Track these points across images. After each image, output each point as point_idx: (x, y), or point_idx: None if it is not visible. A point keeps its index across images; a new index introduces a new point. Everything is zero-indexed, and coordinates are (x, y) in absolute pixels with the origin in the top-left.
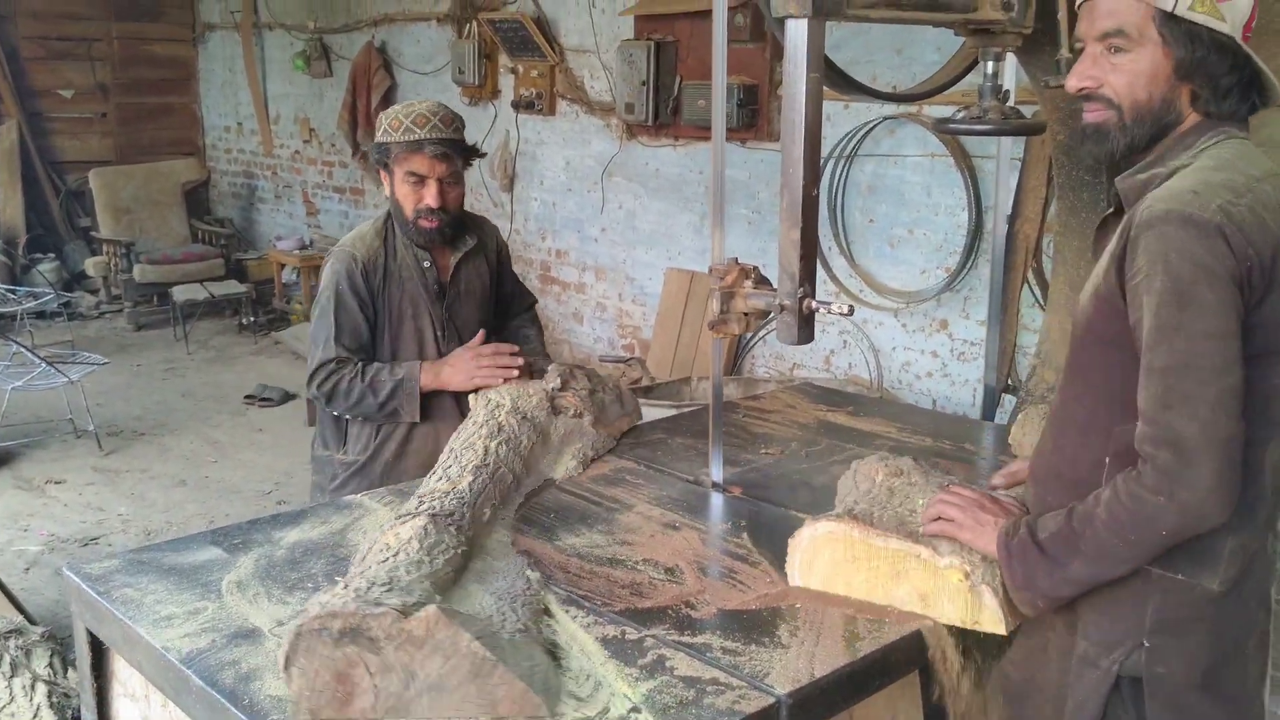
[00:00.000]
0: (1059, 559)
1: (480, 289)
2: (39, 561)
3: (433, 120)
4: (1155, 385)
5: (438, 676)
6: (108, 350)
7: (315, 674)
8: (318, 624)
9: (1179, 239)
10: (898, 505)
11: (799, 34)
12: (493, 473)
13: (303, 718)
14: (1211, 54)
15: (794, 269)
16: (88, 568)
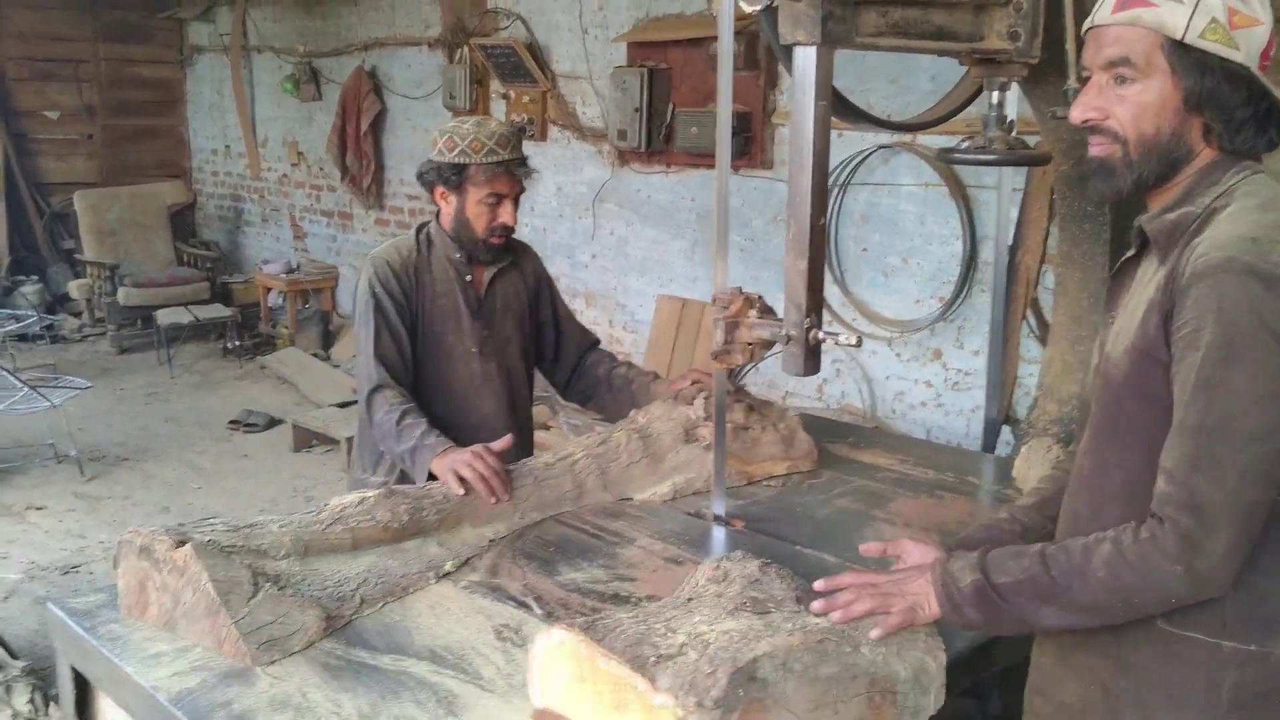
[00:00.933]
0: (1027, 607)
1: (518, 306)
2: (18, 590)
3: (513, 141)
4: (1186, 444)
5: (190, 604)
6: (90, 374)
7: (128, 578)
8: (129, 537)
9: (1237, 290)
10: (666, 619)
11: (807, 62)
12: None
13: (122, 612)
14: (1224, 85)
15: (801, 299)
16: (73, 602)
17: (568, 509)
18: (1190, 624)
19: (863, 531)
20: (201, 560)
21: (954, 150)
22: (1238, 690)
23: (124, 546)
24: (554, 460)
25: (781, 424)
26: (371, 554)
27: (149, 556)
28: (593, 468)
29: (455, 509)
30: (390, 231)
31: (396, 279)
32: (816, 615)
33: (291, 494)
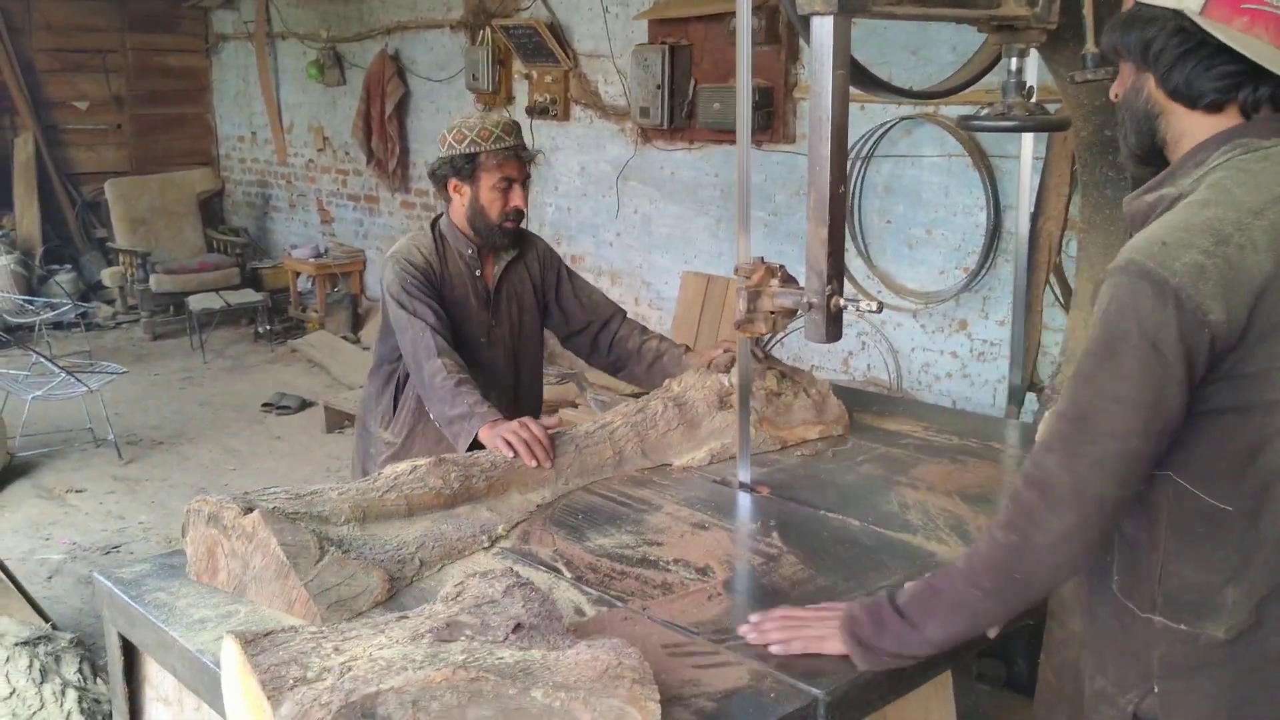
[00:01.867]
0: (915, 621)
1: (526, 296)
2: (61, 570)
3: (516, 129)
4: (1053, 428)
5: (260, 568)
6: (125, 360)
7: (197, 544)
8: (197, 505)
9: (1127, 292)
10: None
11: (825, 31)
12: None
13: (191, 576)
14: (1144, 29)
15: (822, 266)
16: (119, 572)
17: (608, 475)
18: (1130, 595)
19: (887, 495)
20: (269, 525)
21: (973, 118)
22: (1167, 660)
23: (192, 514)
24: (594, 428)
25: (813, 389)
26: (426, 519)
27: (217, 523)
28: (631, 435)
29: (503, 475)
30: (416, 214)
31: (424, 272)
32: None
33: (325, 474)
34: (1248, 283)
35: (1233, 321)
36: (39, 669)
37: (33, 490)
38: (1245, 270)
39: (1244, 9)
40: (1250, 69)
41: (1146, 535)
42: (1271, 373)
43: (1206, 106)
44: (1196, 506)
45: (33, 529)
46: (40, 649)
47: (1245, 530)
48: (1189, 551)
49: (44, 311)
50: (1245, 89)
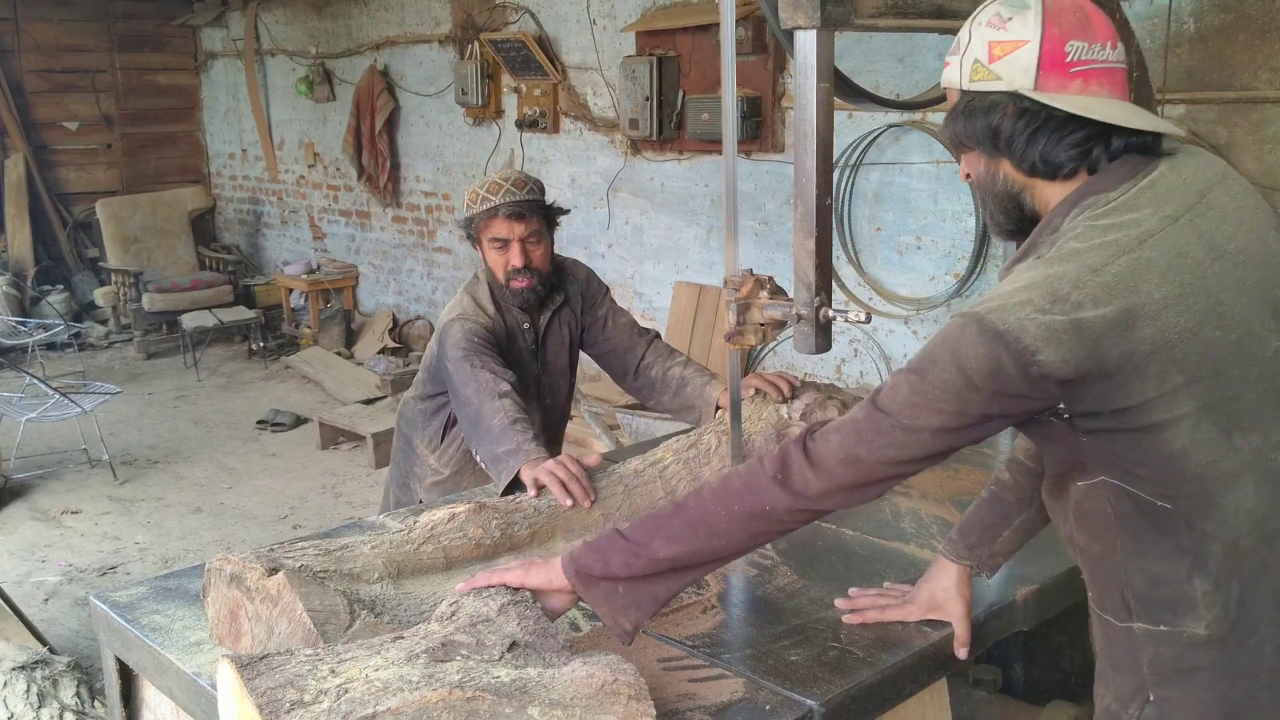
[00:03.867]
0: (640, 540)
1: (570, 338)
2: (58, 592)
3: (504, 186)
4: (848, 417)
5: (285, 635)
6: (119, 380)
7: (218, 607)
8: (218, 564)
9: (957, 330)
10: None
11: (808, 45)
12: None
13: (214, 640)
14: (987, 115)
15: (810, 278)
16: (115, 595)
17: None
18: (1105, 607)
19: (879, 504)
20: (296, 589)
21: None
22: (1155, 666)
23: (213, 574)
24: (643, 466)
25: None
26: (465, 572)
27: (240, 585)
28: (683, 473)
29: (546, 521)
30: (408, 229)
31: (491, 331)
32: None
33: (320, 490)
34: (1087, 330)
35: (1068, 361)
36: (37, 693)
37: (28, 512)
38: (1082, 322)
39: (1074, 73)
40: (1100, 128)
41: (1100, 544)
42: (1150, 403)
43: (1070, 175)
44: (1136, 504)
45: (28, 551)
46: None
47: (1192, 526)
48: (1145, 547)
49: (37, 332)
50: (1098, 148)
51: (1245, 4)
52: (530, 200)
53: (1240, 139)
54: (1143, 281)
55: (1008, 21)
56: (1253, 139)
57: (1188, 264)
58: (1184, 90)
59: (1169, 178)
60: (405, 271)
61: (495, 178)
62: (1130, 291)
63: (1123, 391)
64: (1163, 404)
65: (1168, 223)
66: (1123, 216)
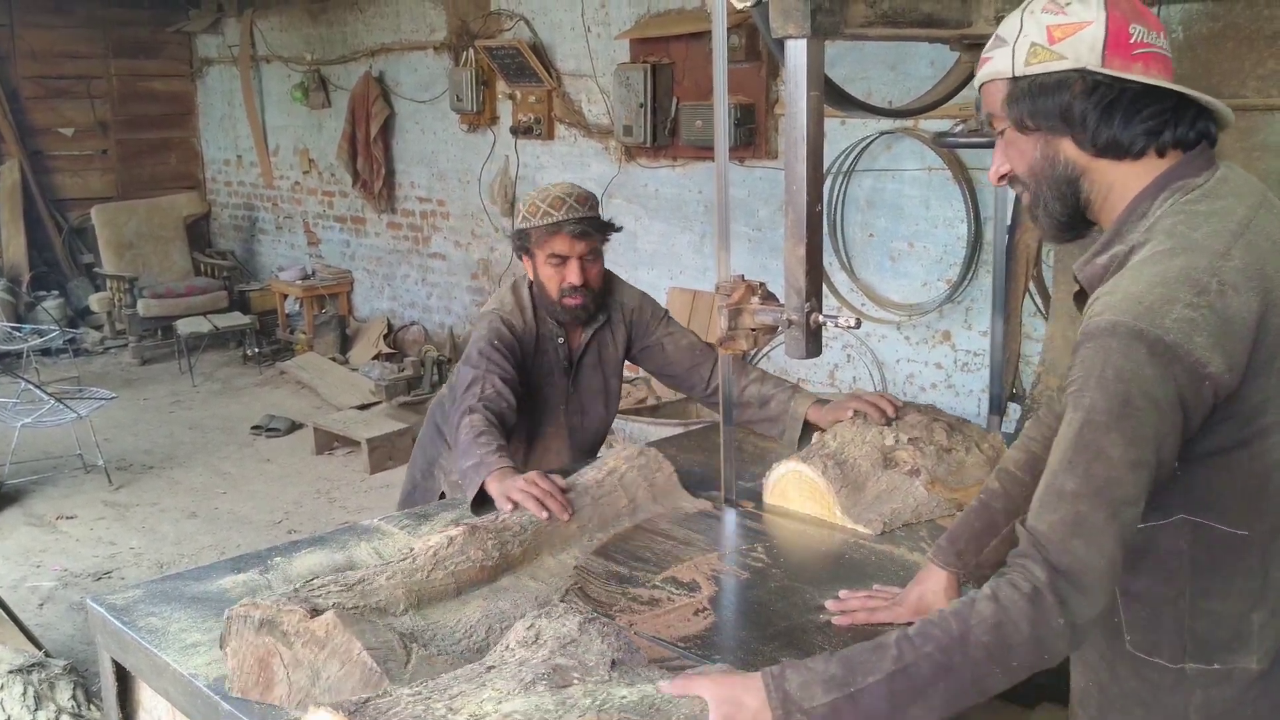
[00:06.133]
0: (894, 707)
1: (612, 359)
2: (53, 597)
3: (568, 201)
4: (1065, 510)
5: (337, 679)
6: (114, 385)
7: (243, 657)
8: (243, 610)
9: (1120, 356)
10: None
11: (798, 54)
12: (603, 494)
13: (235, 693)
14: (1055, 94)
15: (800, 284)
16: (111, 598)
17: (626, 524)
18: (1155, 650)
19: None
20: (349, 628)
21: (948, 134)
22: (1206, 708)
23: (236, 621)
24: (601, 477)
25: (985, 444)
26: (477, 597)
27: (274, 630)
28: (640, 480)
29: (533, 539)
30: (403, 235)
31: (517, 340)
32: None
33: (315, 495)
34: (1241, 326)
35: (1234, 369)
36: (33, 696)
37: (23, 517)
38: (1233, 315)
39: (1136, 54)
40: (1170, 107)
41: (1164, 587)
42: (1266, 402)
43: (1139, 153)
44: (1215, 539)
45: (24, 556)
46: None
47: (1266, 549)
48: (1215, 587)
49: (32, 338)
50: (1169, 129)
51: (1233, 12)
52: (592, 218)
53: (1228, 146)
54: (1265, 265)
55: (1066, 6)
56: (1241, 146)
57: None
58: None
59: (1233, 176)
60: (400, 278)
61: (558, 192)
62: (1260, 276)
63: (1252, 388)
64: (1274, 404)
65: (1254, 210)
66: (1215, 204)
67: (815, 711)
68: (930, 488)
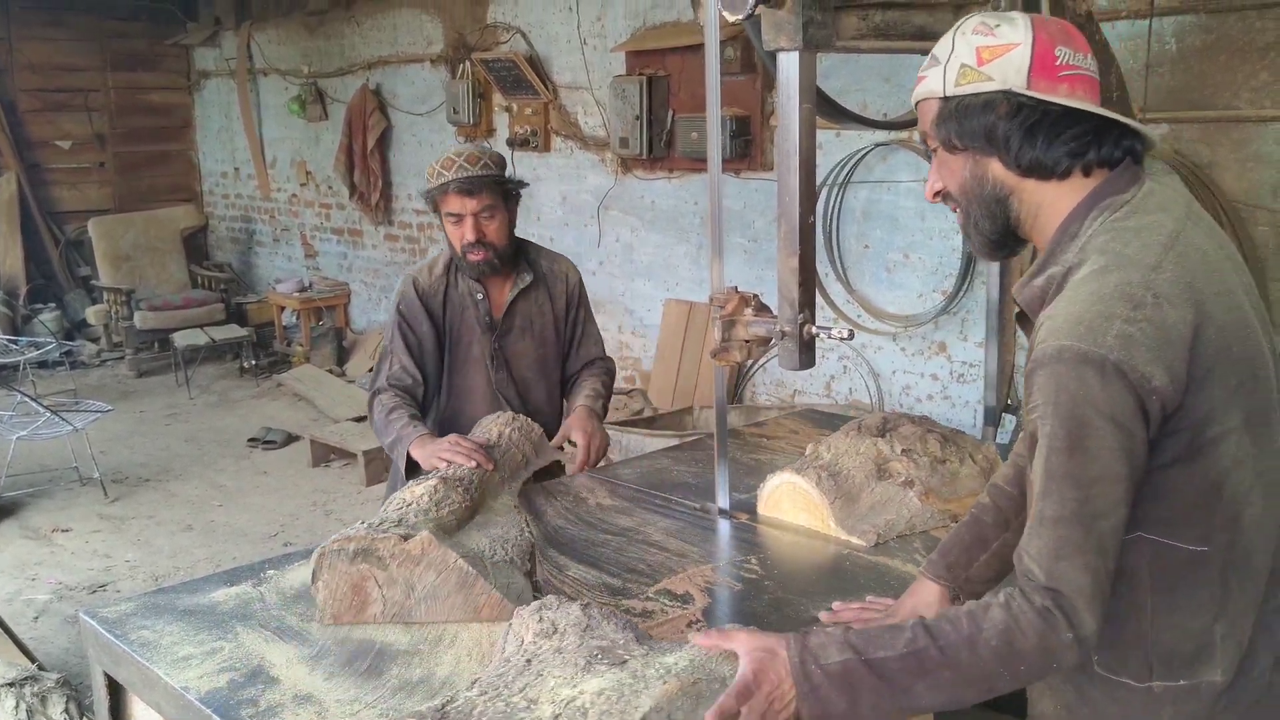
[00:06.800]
0: (903, 682)
1: (540, 326)
2: (48, 610)
3: (458, 161)
4: (1047, 536)
5: (432, 587)
6: (110, 398)
7: (335, 586)
8: (337, 545)
9: (1072, 381)
10: (520, 689)
11: (790, 66)
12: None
13: (326, 621)
14: (981, 115)
15: (793, 295)
16: (104, 611)
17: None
18: (1121, 669)
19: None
20: (443, 543)
21: None
22: None
23: (329, 556)
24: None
25: (979, 455)
26: (470, 529)
27: (370, 557)
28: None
29: (483, 482)
30: (400, 247)
31: (419, 296)
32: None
33: (311, 508)
34: (1178, 338)
35: (1175, 381)
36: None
37: (19, 530)
38: (1170, 327)
39: (1062, 76)
40: (1093, 128)
41: (1127, 604)
42: (1212, 412)
43: (1059, 173)
44: (1174, 557)
45: (19, 569)
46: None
47: (1225, 563)
48: (1177, 602)
49: (28, 351)
50: (1093, 149)
51: (1226, 24)
52: (482, 176)
53: (1222, 158)
54: (1194, 278)
55: (995, 28)
56: (1235, 158)
57: (1213, 261)
58: (1166, 110)
59: (1160, 189)
60: None
61: (451, 153)
62: (1191, 288)
63: (1196, 400)
64: (1220, 415)
65: (1182, 224)
66: (1144, 219)
67: (829, 667)
68: (924, 499)
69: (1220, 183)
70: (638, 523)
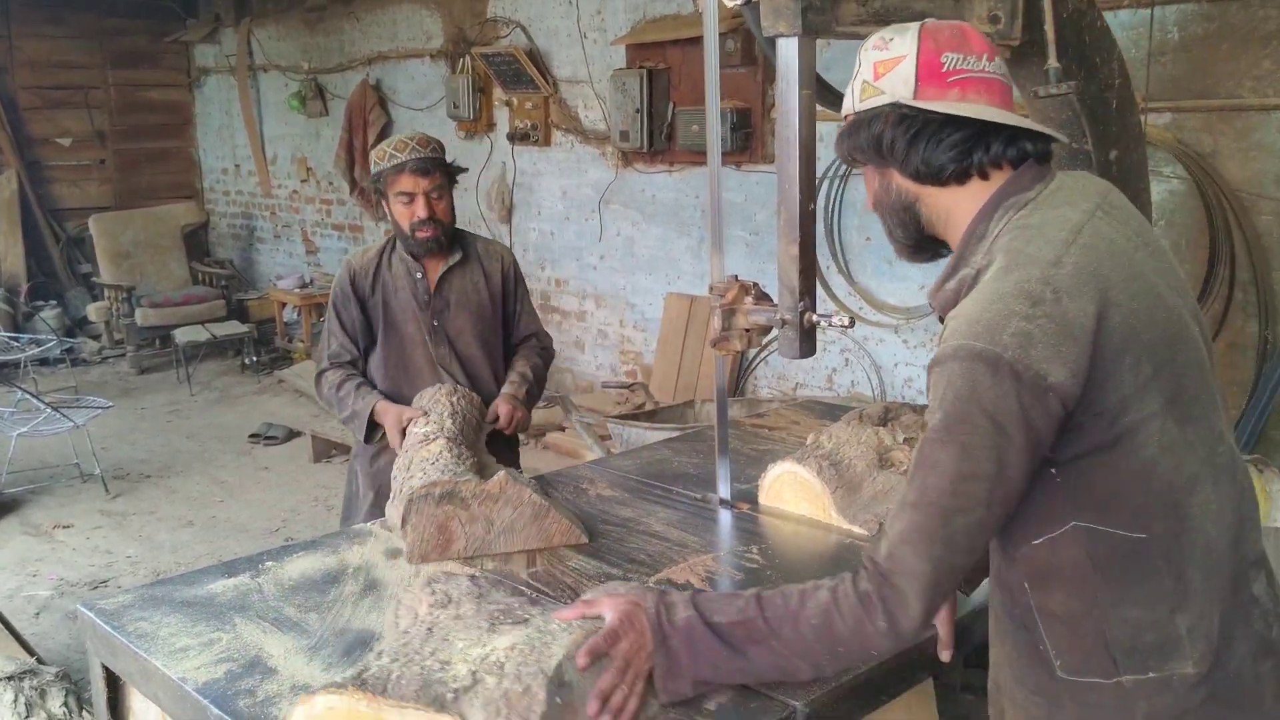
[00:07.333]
0: (736, 646)
1: (477, 302)
2: (49, 606)
3: (411, 144)
4: (904, 519)
5: (509, 521)
6: (111, 394)
7: (423, 528)
8: (424, 491)
9: (961, 377)
10: (430, 654)
11: (790, 52)
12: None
13: (415, 562)
14: (870, 127)
15: (794, 283)
16: (102, 603)
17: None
18: (1085, 670)
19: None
20: (517, 481)
21: None
22: (1151, 717)
23: (418, 501)
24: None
25: None
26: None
27: (454, 499)
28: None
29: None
30: None
31: (353, 280)
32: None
33: (313, 503)
34: (1080, 331)
35: (1077, 375)
36: (24, 703)
37: (20, 527)
38: (1071, 321)
39: (951, 82)
40: (976, 131)
41: (1077, 600)
42: (1126, 399)
43: (951, 178)
44: (1114, 545)
45: (20, 565)
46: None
47: (1170, 553)
48: (1127, 593)
49: (29, 348)
50: (978, 151)
51: (1228, 13)
52: (435, 158)
53: (1225, 146)
54: (1099, 267)
55: (890, 42)
56: (1237, 146)
57: (1121, 250)
58: (1168, 99)
59: (1069, 184)
60: None
61: (402, 137)
62: (1094, 278)
63: (1104, 389)
64: (1135, 401)
65: (1089, 215)
66: (1048, 214)
67: (675, 621)
68: None
69: (1223, 172)
70: (638, 513)
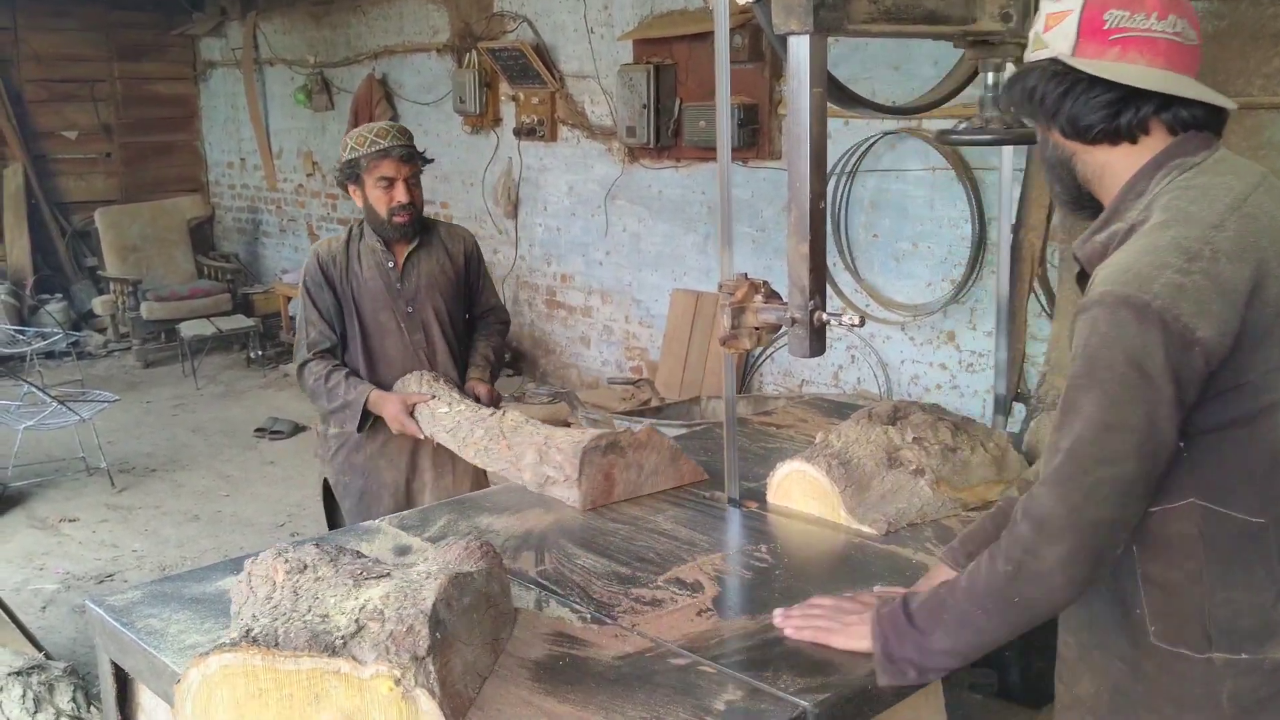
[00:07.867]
0: (924, 629)
1: (444, 284)
2: (55, 600)
3: (392, 132)
4: (1052, 462)
5: (654, 465)
6: (117, 388)
7: (594, 478)
8: (593, 443)
9: (1107, 324)
10: (305, 611)
11: (801, 50)
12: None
13: (586, 508)
14: (1030, 82)
15: (804, 282)
16: (111, 599)
17: None
18: (1179, 639)
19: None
20: (657, 431)
21: (952, 132)
22: (1236, 698)
23: (590, 453)
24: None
25: (990, 442)
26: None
27: (615, 450)
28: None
29: None
30: None
31: (321, 269)
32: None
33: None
34: (1233, 293)
35: (1225, 334)
36: (32, 699)
37: (26, 520)
38: (1225, 281)
39: (1112, 40)
40: (1127, 94)
41: (1182, 573)
42: (1269, 376)
43: (1101, 137)
44: (1230, 527)
45: (26, 559)
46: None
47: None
48: (1234, 575)
49: (35, 341)
50: (1127, 113)
51: (1239, 11)
52: (413, 146)
53: (1235, 145)
54: (1260, 238)
55: None
56: (1247, 145)
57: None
58: None
59: (1232, 157)
60: None
61: (380, 125)
62: (1254, 248)
63: (1251, 359)
64: (1278, 379)
65: (1253, 188)
66: (1213, 179)
67: (882, 611)
68: (935, 487)
69: None
70: (646, 511)
